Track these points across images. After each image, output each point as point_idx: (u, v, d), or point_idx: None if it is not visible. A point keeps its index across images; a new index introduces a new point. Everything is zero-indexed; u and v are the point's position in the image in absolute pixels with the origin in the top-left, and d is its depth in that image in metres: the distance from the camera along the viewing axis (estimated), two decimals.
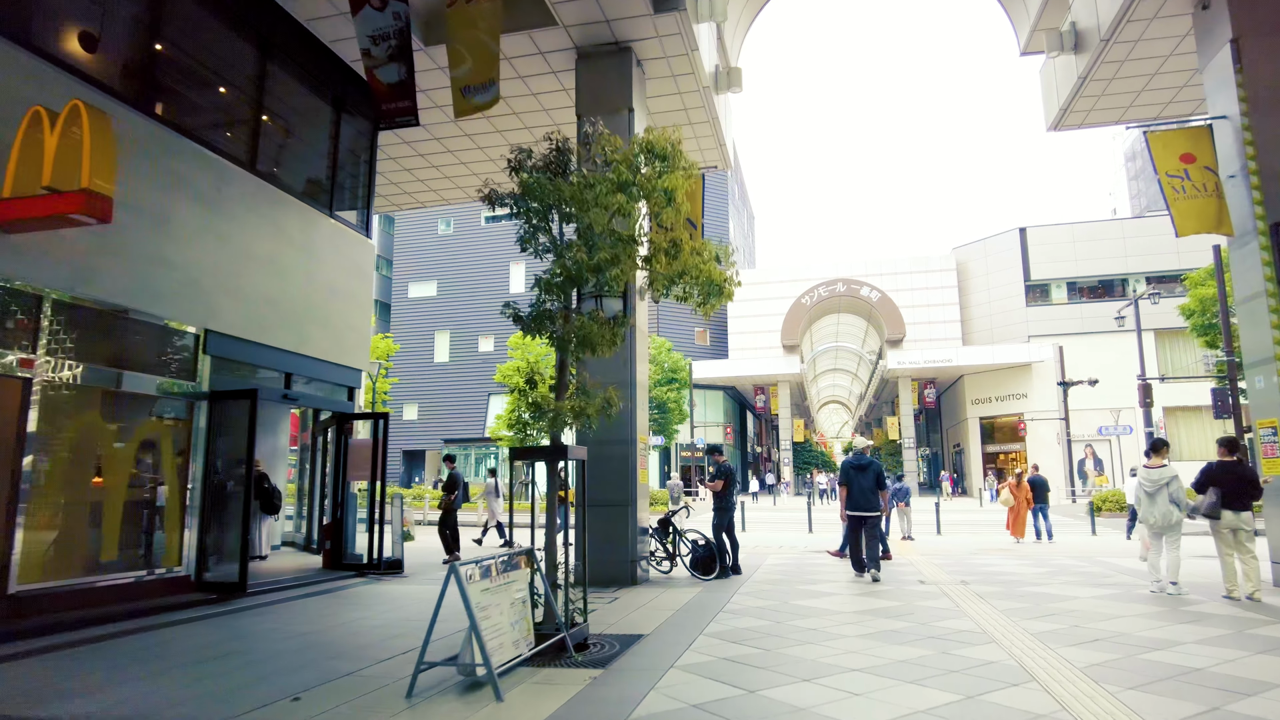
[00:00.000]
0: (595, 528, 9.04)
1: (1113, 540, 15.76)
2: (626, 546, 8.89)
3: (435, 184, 14.84)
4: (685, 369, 39.64)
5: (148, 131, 7.97)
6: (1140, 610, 6.67)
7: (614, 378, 9.23)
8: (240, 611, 7.51)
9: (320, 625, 6.81)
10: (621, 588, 8.62)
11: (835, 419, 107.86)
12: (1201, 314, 25.83)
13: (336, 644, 5.98)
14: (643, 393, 9.51)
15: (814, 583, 8.80)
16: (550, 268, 5.75)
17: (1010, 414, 41.66)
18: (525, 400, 5.67)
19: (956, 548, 14.03)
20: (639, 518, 9.13)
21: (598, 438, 9.20)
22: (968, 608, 6.87)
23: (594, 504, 9.10)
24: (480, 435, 37.32)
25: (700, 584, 8.88)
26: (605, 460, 9.12)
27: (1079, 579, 8.82)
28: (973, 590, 7.97)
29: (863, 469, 9.28)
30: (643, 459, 9.33)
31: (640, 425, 9.31)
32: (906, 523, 16.17)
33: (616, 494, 9.00)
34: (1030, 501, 15.73)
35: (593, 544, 8.99)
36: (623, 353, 9.24)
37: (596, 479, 9.15)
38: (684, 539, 9.51)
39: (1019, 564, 10.52)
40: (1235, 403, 17.90)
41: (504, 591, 4.81)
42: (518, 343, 33.15)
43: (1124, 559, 11.23)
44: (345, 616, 7.27)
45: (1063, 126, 12.43)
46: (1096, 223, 43.29)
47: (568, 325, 5.76)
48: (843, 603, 7.33)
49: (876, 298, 43.43)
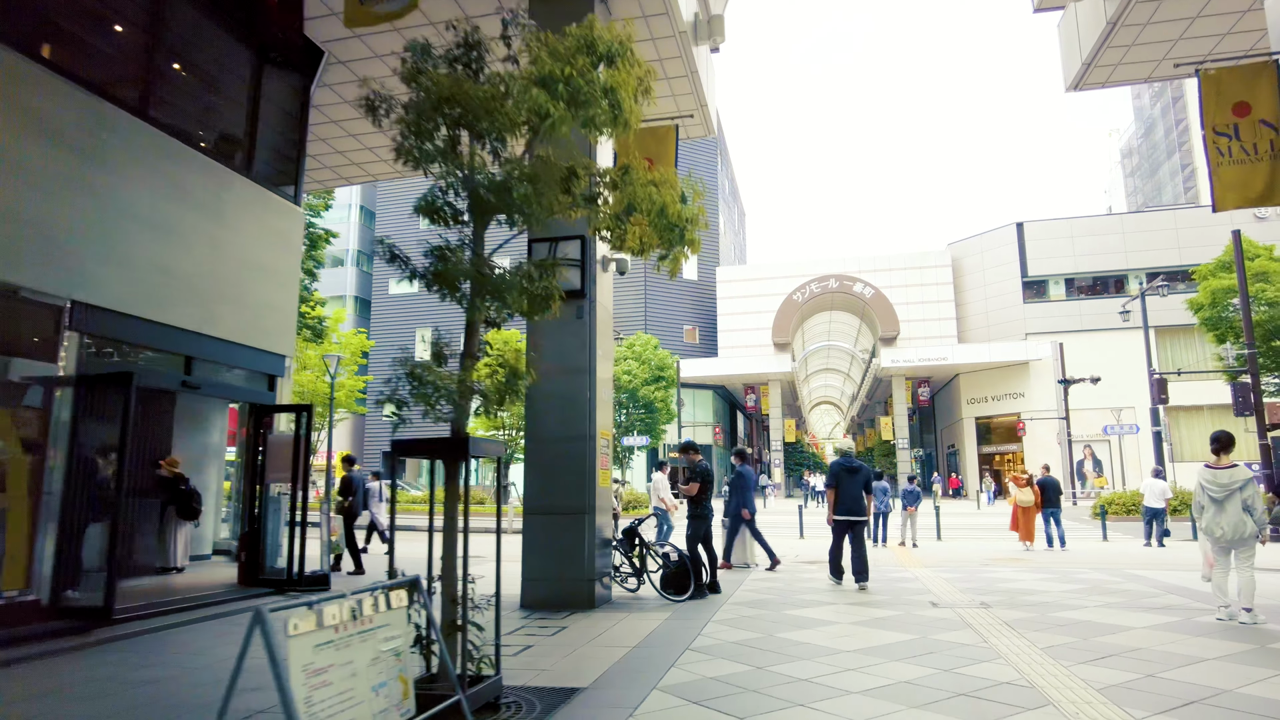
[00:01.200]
0: (544, 541, 7.59)
1: (1129, 547, 14.42)
2: (582, 562, 7.44)
3: (387, 153, 13.34)
4: (673, 367, 38.23)
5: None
6: (1221, 649, 5.26)
7: (569, 362, 7.80)
8: (91, 647, 6.03)
9: (178, 668, 5.34)
10: (575, 612, 7.17)
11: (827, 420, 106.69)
12: (1212, 307, 24.62)
13: (177, 700, 4.52)
14: (605, 381, 8.07)
15: (805, 605, 7.37)
16: (438, 175, 4.33)
17: (1007, 414, 40.43)
18: (409, 374, 4.23)
19: (963, 556, 12.66)
20: (599, 528, 7.69)
21: (549, 434, 7.75)
22: (1000, 644, 5.45)
23: (543, 512, 7.65)
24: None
25: (670, 606, 7.45)
26: (557, 460, 7.67)
27: (1120, 600, 7.42)
28: (998, 617, 6.56)
29: (853, 471, 8.72)
30: (604, 458, 7.89)
31: (602, 419, 7.88)
32: (912, 529, 14.81)
33: (570, 500, 7.55)
34: (1040, 504, 14.39)
35: (542, 560, 7.55)
36: (580, 333, 7.82)
37: (546, 482, 7.70)
38: (652, 552, 8.07)
39: (1041, 578, 9.14)
40: (1258, 398, 16.60)
41: (360, 644, 3.35)
42: (494, 337, 31.65)
43: (1157, 571, 9.85)
44: (220, 653, 5.79)
45: (1085, 85, 11.07)
46: (1095, 218, 42.13)
47: (463, 266, 4.32)
48: (842, 637, 5.90)
49: (870, 294, 42.12)
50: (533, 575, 7.56)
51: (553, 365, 7.82)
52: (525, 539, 7.66)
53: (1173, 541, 15.56)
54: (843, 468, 8.76)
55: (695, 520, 8.15)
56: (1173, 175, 52.38)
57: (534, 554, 7.59)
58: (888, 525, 15.19)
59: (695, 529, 8.13)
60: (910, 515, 14.87)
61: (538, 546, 7.60)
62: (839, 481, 8.71)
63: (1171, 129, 52.20)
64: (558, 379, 7.78)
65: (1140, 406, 35.21)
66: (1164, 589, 8.15)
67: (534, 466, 7.78)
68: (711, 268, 48.71)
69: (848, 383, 69.78)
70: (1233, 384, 17.21)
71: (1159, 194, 54.37)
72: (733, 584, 8.90)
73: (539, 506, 7.66)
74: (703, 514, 8.13)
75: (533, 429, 7.82)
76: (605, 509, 7.91)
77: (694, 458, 8.31)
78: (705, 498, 8.15)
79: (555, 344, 7.86)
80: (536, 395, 7.86)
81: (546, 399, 7.80)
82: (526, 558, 7.62)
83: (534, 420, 7.83)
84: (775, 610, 7.09)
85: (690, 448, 8.37)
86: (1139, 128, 58.39)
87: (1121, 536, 17.40)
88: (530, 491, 7.73)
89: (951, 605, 7.17)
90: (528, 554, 7.61)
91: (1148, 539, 14.84)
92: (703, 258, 49.47)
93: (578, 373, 7.73)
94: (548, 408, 7.79)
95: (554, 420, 7.74)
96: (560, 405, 7.74)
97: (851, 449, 9.21)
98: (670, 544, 8.19)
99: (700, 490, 8.13)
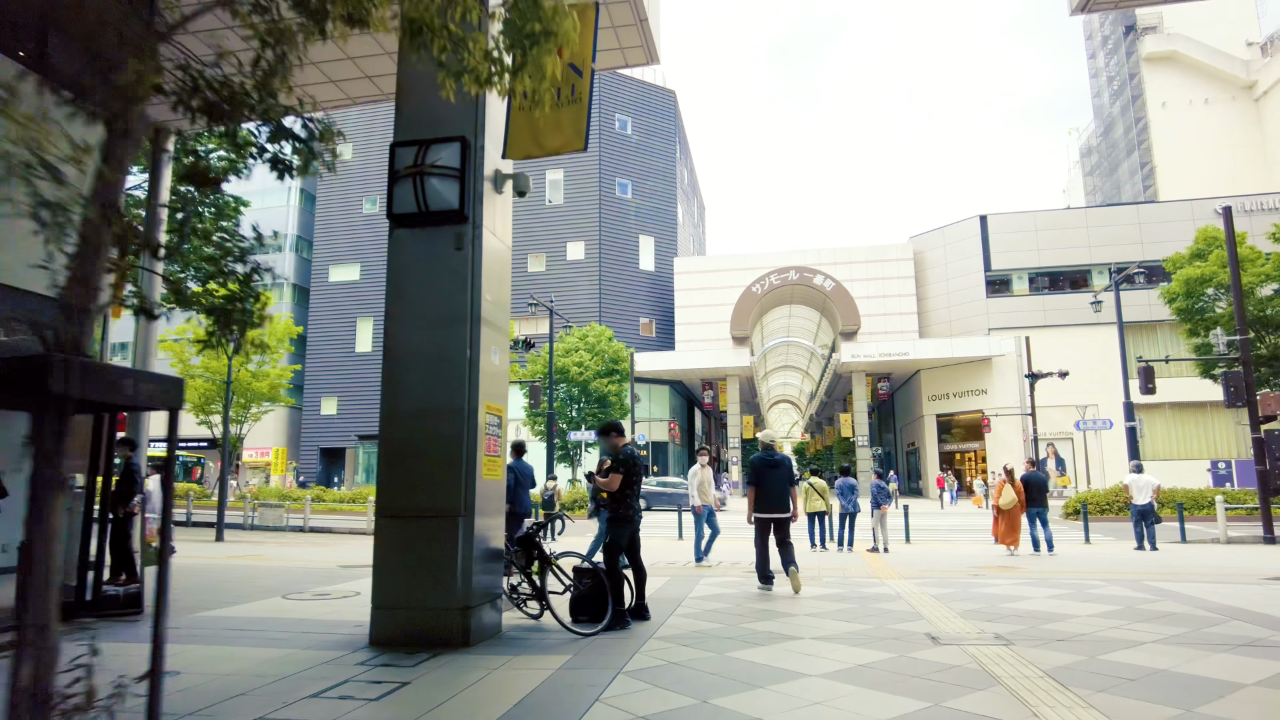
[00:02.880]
0: (401, 555, 5.48)
1: (1119, 551, 12.87)
2: (452, 584, 5.34)
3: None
4: (627, 359, 36.22)
5: None
6: None
7: (441, 308, 5.70)
8: None
9: None
10: (441, 652, 5.08)
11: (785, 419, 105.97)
12: (1186, 297, 23.52)
13: None
14: (495, 338, 6.00)
15: (759, 641, 5.39)
16: None
17: (969, 411, 39.36)
18: None
19: (942, 563, 10.89)
20: (482, 536, 5.60)
21: (410, 407, 5.64)
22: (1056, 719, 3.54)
23: (399, 514, 5.53)
24: None
25: (575, 643, 5.41)
26: (420, 443, 5.55)
27: (1181, 631, 5.61)
28: (1029, 662, 4.66)
29: (775, 466, 8.18)
30: (492, 441, 5.82)
31: (489, 388, 5.80)
32: (883, 531, 13.02)
33: (437, 498, 5.44)
34: (1023, 504, 12.72)
35: (398, 581, 5.45)
36: (458, 270, 5.72)
37: (404, 474, 5.59)
38: (556, 569, 5.99)
39: (1051, 595, 7.33)
40: (1250, 388, 15.24)
41: None
42: None
43: (1182, 582, 8.12)
44: None
45: (1094, 6, 9.35)
46: (1060, 211, 41.41)
47: None
48: (816, 703, 3.93)
49: (831, 287, 40.68)
50: (386, 601, 5.44)
51: (417, 311, 5.73)
52: (377, 552, 5.54)
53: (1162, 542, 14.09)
54: (764, 462, 8.16)
55: (616, 524, 6.11)
56: (1132, 174, 52.19)
57: (387, 573, 5.47)
58: (854, 528, 13.38)
59: (616, 535, 6.09)
60: (881, 516, 13.10)
61: (392, 562, 5.48)
62: (760, 477, 8.14)
63: (1131, 127, 51.99)
64: (424, 330, 5.68)
65: (1105, 403, 34.33)
66: (1220, 611, 6.38)
67: (389, 451, 5.66)
68: (669, 259, 46.84)
69: (806, 380, 68.70)
70: (1224, 373, 15.85)
71: (1118, 192, 54.22)
72: (669, 602, 6.91)
73: (395, 507, 5.54)
74: (626, 515, 6.10)
75: (389, 400, 5.69)
76: (492, 511, 5.83)
77: (616, 442, 6.26)
78: (630, 495, 6.12)
79: (423, 283, 5.76)
80: (395, 353, 5.74)
81: (409, 358, 5.69)
82: (378, 578, 5.49)
83: (391, 388, 5.70)
84: (718, 650, 5.09)
85: (613, 430, 6.32)
86: (1098, 126, 58.30)
87: (1103, 538, 15.94)
88: (384, 486, 5.60)
89: (957, 640, 5.26)
90: (380, 573, 5.49)
91: (1140, 541, 13.32)
92: (661, 249, 47.62)
93: (453, 322, 5.63)
94: (410, 370, 5.67)
95: (418, 388, 5.63)
96: (427, 367, 5.64)
97: (774, 441, 8.55)
98: (580, 555, 6.13)
99: (624, 484, 6.10)
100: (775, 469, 8.16)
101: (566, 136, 6.64)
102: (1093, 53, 59.14)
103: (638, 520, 6.20)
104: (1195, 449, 35.84)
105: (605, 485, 6.08)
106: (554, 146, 6.68)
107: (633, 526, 6.17)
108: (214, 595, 7.93)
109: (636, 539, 6.29)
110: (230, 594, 8.05)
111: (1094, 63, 59.34)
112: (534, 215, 46.09)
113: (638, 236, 47.04)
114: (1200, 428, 36.18)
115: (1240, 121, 49.95)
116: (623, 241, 46.21)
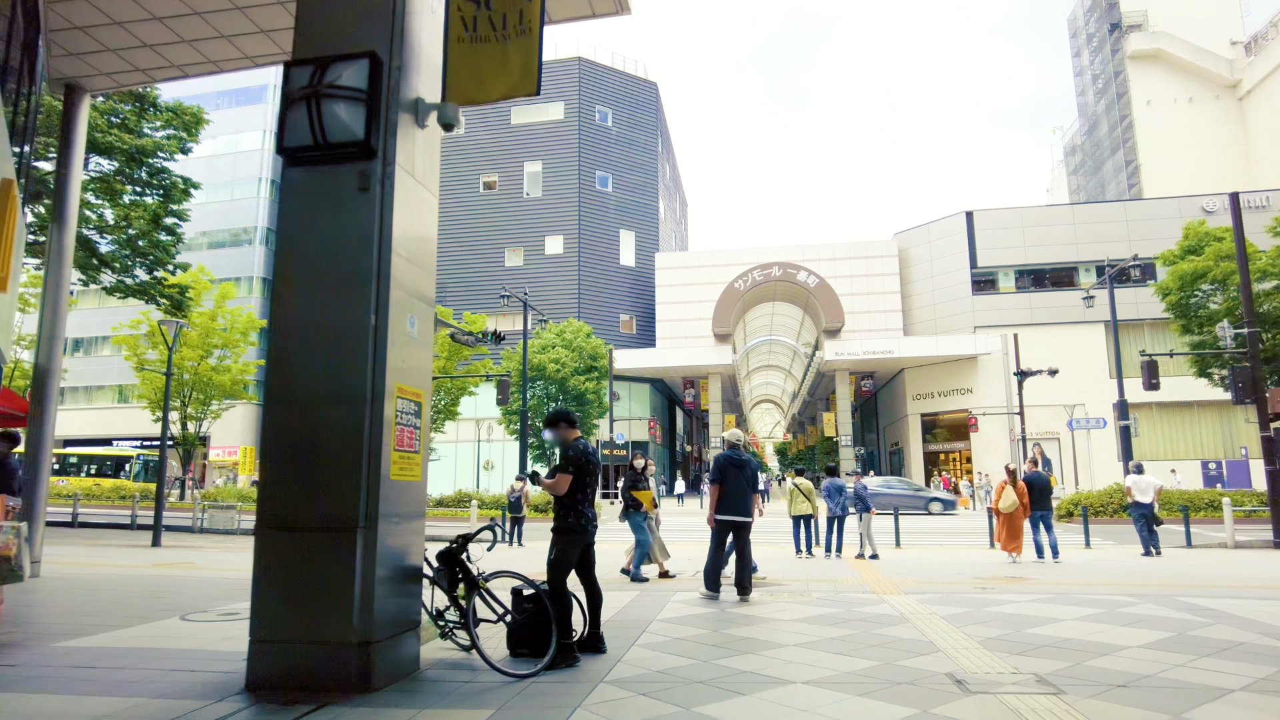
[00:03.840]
0: (285, 575, 4.30)
1: (1124, 557, 11.92)
2: (349, 612, 4.18)
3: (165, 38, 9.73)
4: (606, 356, 35.08)
5: None
6: None
7: (339, 266, 4.54)
8: None
9: None
10: (331, 702, 3.92)
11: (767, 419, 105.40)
12: (1180, 292, 22.77)
13: None
14: (415, 305, 4.84)
15: (739, 688, 4.28)
16: None
17: (954, 410, 38.61)
18: None
19: (940, 571, 9.88)
20: (391, 553, 4.45)
21: (299, 391, 4.48)
22: None
23: (284, 526, 4.36)
24: None
25: (510, 685, 4.27)
26: (311, 435, 4.38)
27: (1250, 662, 4.58)
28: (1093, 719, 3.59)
29: (740, 466, 7.60)
30: (406, 433, 4.66)
31: (399, 362, 4.63)
32: (869, 537, 11.99)
33: (329, 506, 4.28)
34: (1026, 507, 11.73)
35: (283, 608, 4.29)
36: (363, 216, 4.56)
37: (291, 474, 4.41)
38: (487, 593, 4.82)
39: (1080, 616, 6.29)
40: (1258, 384, 14.39)
41: None
42: None
43: (1216, 596, 7.12)
44: None
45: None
46: (1047, 207, 40.80)
47: None
48: None
49: (814, 283, 39.75)
50: (267, 633, 4.26)
51: (311, 271, 4.56)
52: (257, 573, 4.35)
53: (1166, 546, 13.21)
54: (729, 461, 7.57)
55: (562, 536, 4.96)
56: (1116, 172, 51.81)
57: (270, 598, 4.29)
58: (843, 532, 12.34)
59: (562, 550, 4.94)
60: (868, 521, 12.07)
61: (276, 585, 4.30)
62: (724, 477, 7.53)
63: (1116, 125, 51.62)
64: (319, 295, 4.51)
65: (1091, 402, 33.71)
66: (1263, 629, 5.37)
67: (273, 448, 4.47)
68: (650, 254, 45.74)
69: (789, 380, 67.91)
70: (1232, 369, 14.98)
71: (1102, 191, 53.83)
72: (632, 626, 5.78)
73: (279, 516, 4.36)
74: (577, 525, 4.95)
75: (274, 383, 4.51)
76: (406, 520, 4.66)
77: (567, 435, 5.09)
78: (582, 500, 4.97)
79: (320, 235, 4.59)
80: (283, 324, 4.57)
81: (299, 330, 4.52)
82: (258, 605, 4.31)
83: (277, 369, 4.52)
84: (685, 702, 3.96)
85: (563, 420, 5.14)
86: (1083, 124, 57.94)
87: (1102, 541, 15.06)
88: (266, 491, 4.42)
89: (990, 684, 4.18)
90: (261, 599, 4.31)
91: (1146, 547, 12.40)
92: (642, 245, 46.53)
93: (354, 284, 4.46)
94: (301, 345, 4.50)
95: (310, 367, 4.46)
96: (321, 341, 4.47)
97: (740, 440, 7.70)
98: (518, 575, 4.97)
99: (574, 488, 4.95)
100: (741, 469, 7.62)
101: (514, 78, 5.52)
102: (1077, 50, 58.82)
103: (591, 531, 5.05)
104: (1183, 449, 35.34)
105: (551, 489, 4.93)
106: (501, 90, 5.56)
107: (585, 539, 5.02)
108: (97, 617, 6.69)
109: (590, 554, 5.14)
110: (120, 614, 6.83)
111: (1078, 61, 59.01)
112: (511, 208, 44.84)
113: (618, 231, 45.91)
114: (1188, 428, 35.68)
115: (1224, 120, 49.75)
116: (603, 236, 45.05)
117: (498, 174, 45.66)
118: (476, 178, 45.85)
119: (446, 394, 27.01)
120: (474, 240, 44.64)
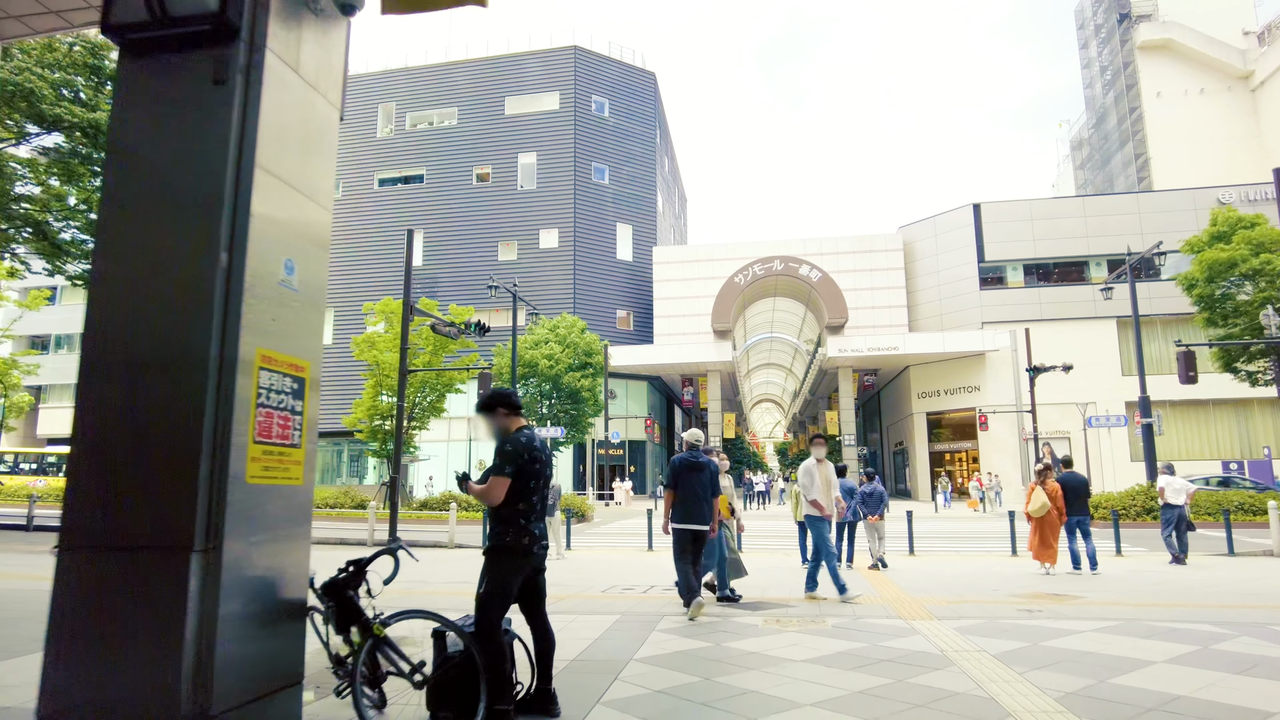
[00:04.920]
0: (93, 612, 3.02)
1: (1163, 566, 10.66)
2: (176, 670, 2.90)
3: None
4: (601, 352, 33.81)
5: None
6: None
7: (180, 189, 3.26)
8: None
9: None
10: None
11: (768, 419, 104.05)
12: (1208, 283, 21.48)
13: None
14: (288, 234, 3.58)
15: None
16: None
17: (961, 409, 37.33)
18: None
19: (966, 585, 8.61)
20: (246, 582, 3.17)
21: (121, 354, 3.20)
22: None
23: (92, 546, 3.07)
24: (337, 428, 30.50)
25: None
26: (132, 418, 3.10)
27: None
28: None
29: (698, 469, 6.90)
30: (272, 417, 3.39)
31: (267, 324, 3.37)
32: (878, 541, 10.74)
33: (153, 517, 3.01)
34: (1063, 513, 10.47)
35: (85, 660, 2.99)
36: (214, 122, 3.26)
37: (103, 471, 3.13)
38: (387, 645, 3.51)
39: (1173, 654, 5.03)
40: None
41: None
42: (381, 309, 26.57)
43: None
44: None
45: None
46: (1056, 199, 39.55)
47: None
48: None
49: (817, 277, 38.44)
50: (59, 704, 2.98)
51: (146, 193, 3.28)
52: (54, 611, 3.07)
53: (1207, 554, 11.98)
54: (684, 464, 6.90)
55: (497, 560, 3.67)
56: (1125, 165, 50.47)
57: (66, 653, 3.01)
58: (854, 539, 11.09)
59: (496, 580, 3.64)
60: (873, 524, 10.82)
61: (79, 633, 3.03)
62: (679, 481, 6.87)
63: (1125, 117, 50.28)
64: (156, 224, 3.24)
65: (1103, 400, 32.48)
66: None
67: (84, 436, 3.20)
68: (648, 248, 44.44)
69: (790, 378, 66.56)
70: (1276, 360, 13.69)
71: (1110, 185, 52.47)
72: (598, 675, 4.51)
73: (85, 530, 3.08)
74: (517, 544, 3.66)
75: (89, 347, 3.23)
76: (272, 538, 3.38)
77: (506, 424, 3.80)
78: (526, 511, 3.69)
79: (160, 144, 3.31)
80: (106, 266, 3.29)
81: (126, 272, 3.24)
82: (51, 661, 3.03)
83: (95, 327, 3.24)
84: None
85: (500, 404, 3.83)
86: (1090, 117, 56.58)
87: (1133, 548, 13.80)
88: (73, 495, 3.14)
89: None
90: (54, 654, 3.03)
91: (1174, 553, 11.19)
92: (639, 238, 45.23)
93: (200, 210, 3.19)
94: (128, 292, 3.23)
95: (137, 323, 3.19)
96: (154, 286, 3.19)
97: (699, 440, 6.89)
98: (435, 616, 3.68)
99: (515, 493, 3.67)
100: (697, 473, 6.91)
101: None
102: (1085, 42, 57.49)
103: (540, 554, 3.76)
104: (1198, 449, 34.08)
105: (483, 496, 3.64)
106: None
107: (531, 563, 3.73)
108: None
109: (539, 585, 3.85)
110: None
111: (1085, 53, 57.69)
112: (505, 201, 43.51)
113: (615, 224, 44.59)
114: (1203, 428, 34.44)
115: (1236, 112, 48.48)
116: (599, 229, 43.73)
117: (490, 166, 44.35)
118: (469, 170, 44.54)
119: (432, 390, 25.77)
120: (466, 234, 43.36)
